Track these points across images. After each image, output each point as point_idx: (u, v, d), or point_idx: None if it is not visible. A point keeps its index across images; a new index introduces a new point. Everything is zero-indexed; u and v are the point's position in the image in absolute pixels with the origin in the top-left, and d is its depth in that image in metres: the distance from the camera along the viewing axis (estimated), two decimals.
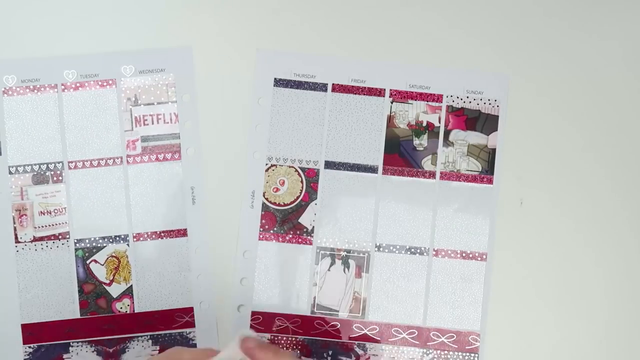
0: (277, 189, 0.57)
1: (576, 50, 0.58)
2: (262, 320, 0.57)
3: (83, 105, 0.57)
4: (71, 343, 0.57)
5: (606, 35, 0.58)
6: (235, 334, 0.43)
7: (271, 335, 0.57)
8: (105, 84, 0.57)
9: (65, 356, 0.57)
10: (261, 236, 0.57)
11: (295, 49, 0.58)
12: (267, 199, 0.57)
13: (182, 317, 0.57)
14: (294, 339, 0.57)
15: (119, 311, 0.57)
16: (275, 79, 0.58)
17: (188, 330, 0.57)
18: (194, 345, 0.57)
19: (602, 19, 0.58)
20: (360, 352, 0.57)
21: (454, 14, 0.58)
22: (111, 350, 0.57)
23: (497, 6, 0.58)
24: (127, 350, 0.57)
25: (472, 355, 0.56)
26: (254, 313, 0.57)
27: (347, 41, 0.58)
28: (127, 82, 0.57)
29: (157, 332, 0.57)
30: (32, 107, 0.57)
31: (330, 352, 0.57)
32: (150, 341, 0.57)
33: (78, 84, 0.57)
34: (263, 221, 0.57)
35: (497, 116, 0.57)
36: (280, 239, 0.57)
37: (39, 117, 0.57)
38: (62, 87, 0.57)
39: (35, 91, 0.57)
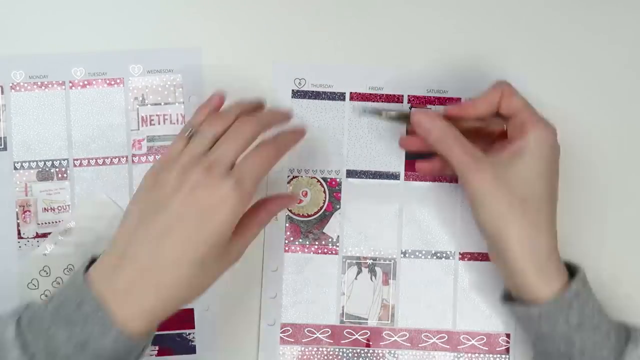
0: (301, 201, 0.57)
1: (589, 42, 0.58)
2: (292, 333, 0.57)
3: (90, 103, 0.57)
4: None
5: (615, 26, 0.58)
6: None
7: (301, 347, 0.57)
8: (112, 82, 0.57)
9: None
10: (286, 248, 0.57)
11: (311, 59, 0.58)
12: (290, 210, 0.57)
13: (182, 318, 0.57)
14: (324, 349, 0.57)
15: None
16: (292, 90, 0.58)
17: (187, 331, 0.57)
18: (193, 347, 0.56)
19: (614, 9, 0.58)
20: (391, 359, 0.57)
21: (468, 16, 0.58)
22: None
23: (510, 4, 0.58)
24: None
25: (503, 356, 0.57)
26: (283, 325, 0.57)
27: (362, 48, 0.58)
28: (134, 82, 0.58)
29: (156, 332, 0.56)
30: (39, 103, 0.57)
31: None
32: None
33: (86, 82, 0.57)
34: (288, 233, 0.57)
35: None
36: (306, 250, 0.57)
37: (46, 114, 0.57)
38: (70, 84, 0.57)
39: (43, 87, 0.57)
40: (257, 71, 0.57)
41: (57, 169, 0.57)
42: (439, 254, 0.57)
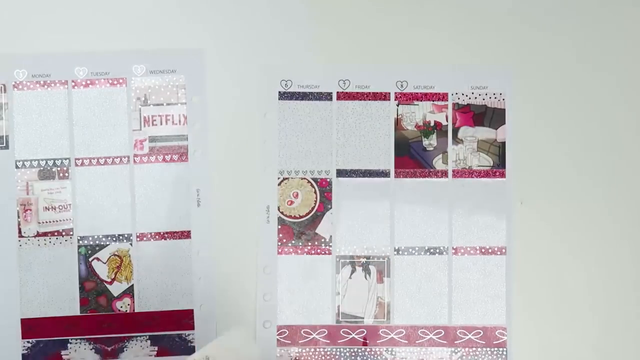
0: (292, 202, 0.57)
1: (577, 34, 0.58)
2: (288, 334, 0.57)
3: (92, 103, 0.57)
4: (70, 340, 0.57)
5: (610, 20, 0.58)
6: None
7: (298, 348, 0.57)
8: (115, 82, 0.58)
9: (63, 353, 0.56)
10: (280, 250, 0.57)
11: (297, 59, 0.58)
12: (282, 212, 0.57)
13: (182, 319, 0.57)
14: (321, 350, 0.57)
15: (119, 310, 0.57)
16: (279, 92, 0.58)
17: (187, 332, 0.57)
18: (192, 348, 0.57)
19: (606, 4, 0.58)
20: (388, 356, 0.57)
21: (450, 10, 0.58)
22: (109, 349, 0.57)
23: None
24: (125, 349, 0.57)
25: (500, 350, 0.57)
26: (279, 327, 0.57)
27: (346, 47, 0.58)
28: (137, 82, 0.58)
29: (156, 333, 0.57)
30: (41, 102, 0.57)
31: None
32: (149, 341, 0.57)
33: (88, 81, 0.57)
34: (280, 235, 0.57)
35: (504, 109, 0.57)
36: (299, 252, 0.57)
37: (48, 113, 0.57)
38: (73, 83, 0.57)
39: (46, 86, 0.57)
40: (243, 74, 0.57)
41: (58, 168, 0.57)
42: (432, 250, 0.57)
